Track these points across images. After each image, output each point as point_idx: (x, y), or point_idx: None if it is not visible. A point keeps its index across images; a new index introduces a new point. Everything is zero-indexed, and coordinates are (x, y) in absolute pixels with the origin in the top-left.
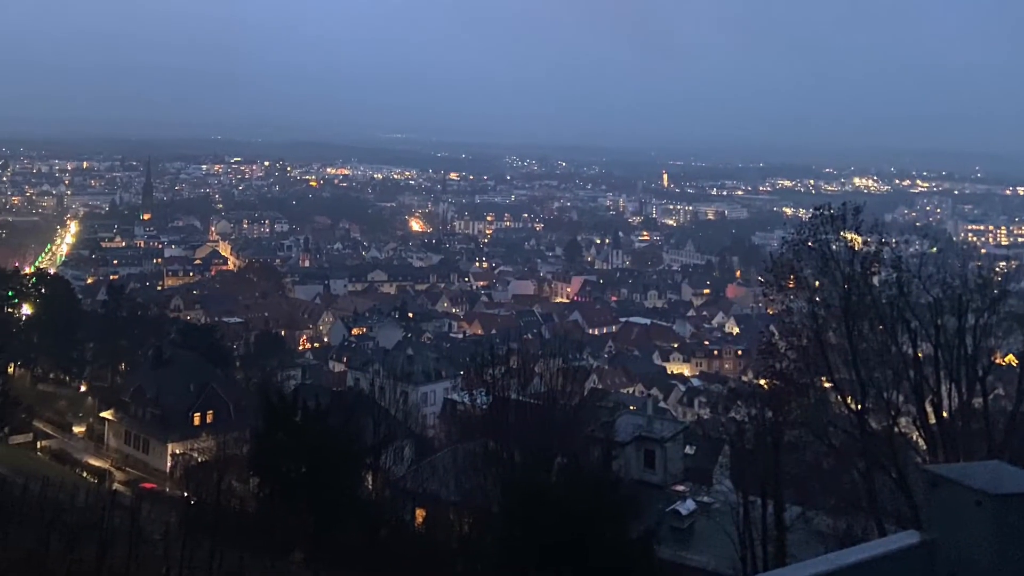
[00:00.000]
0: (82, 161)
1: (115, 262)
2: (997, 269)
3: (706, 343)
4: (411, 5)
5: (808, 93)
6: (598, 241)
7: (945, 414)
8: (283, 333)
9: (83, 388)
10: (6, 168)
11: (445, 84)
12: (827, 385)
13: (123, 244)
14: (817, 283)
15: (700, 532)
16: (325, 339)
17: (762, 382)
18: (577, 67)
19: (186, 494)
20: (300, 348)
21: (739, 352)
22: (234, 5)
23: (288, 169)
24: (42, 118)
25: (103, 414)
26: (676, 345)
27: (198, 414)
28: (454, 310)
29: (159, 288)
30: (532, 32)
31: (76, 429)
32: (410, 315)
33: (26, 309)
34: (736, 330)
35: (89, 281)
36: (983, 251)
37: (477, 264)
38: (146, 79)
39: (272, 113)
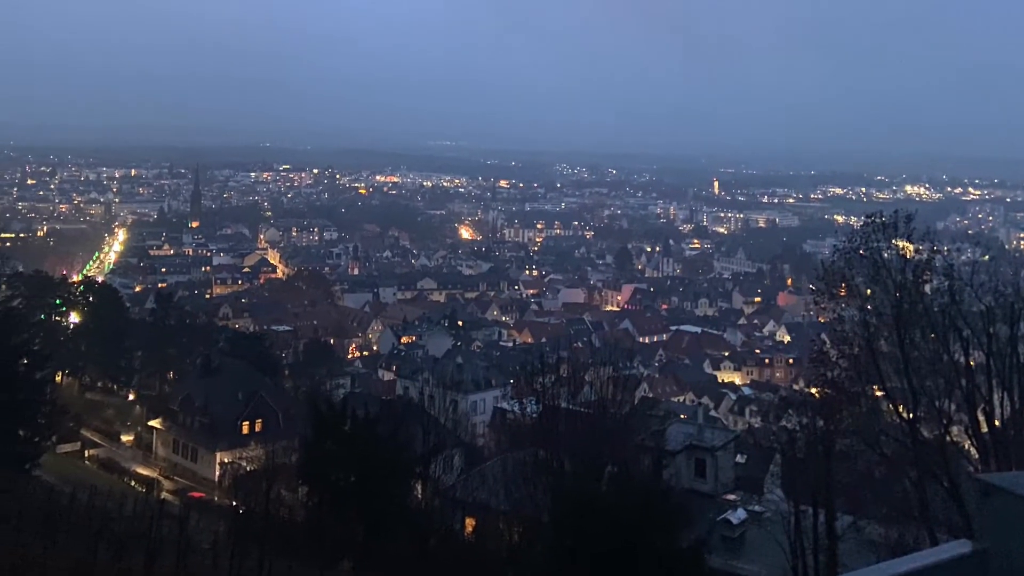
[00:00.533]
0: (130, 169)
1: (163, 270)
2: None
3: (757, 351)
4: (460, 13)
5: (860, 100)
6: (648, 249)
7: (997, 423)
8: (332, 341)
9: (131, 397)
10: (54, 176)
11: (495, 91)
12: (879, 394)
13: (171, 252)
14: (869, 291)
15: (751, 541)
16: (374, 347)
17: (813, 391)
18: (628, 74)
19: (235, 503)
20: (349, 357)
21: (790, 360)
22: (284, 13)
23: (337, 177)
24: (90, 125)
25: (151, 423)
26: (727, 353)
27: (247, 423)
28: (504, 318)
29: (208, 296)
30: (583, 39)
31: (124, 438)
32: (460, 323)
33: (74, 317)
34: (787, 338)
35: (137, 289)
36: None
37: (527, 272)
38: (195, 86)
39: (321, 121)
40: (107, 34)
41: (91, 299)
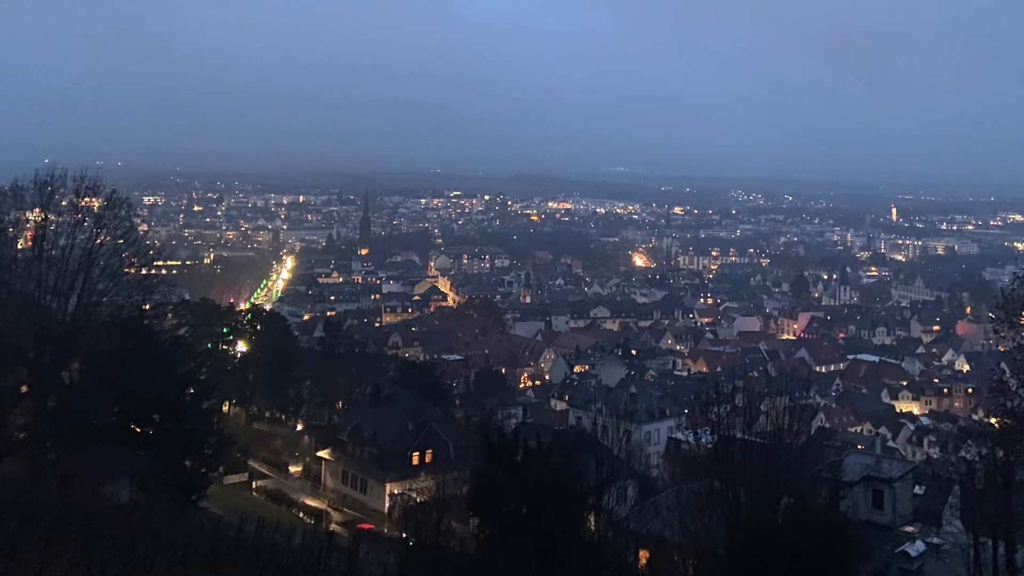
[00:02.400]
0: (298, 195)
1: (332, 298)
2: None
3: (936, 381)
4: (635, 38)
5: None
6: (825, 277)
7: None
8: (503, 371)
9: (299, 427)
10: (221, 202)
11: (669, 117)
12: None
13: (340, 280)
14: None
15: (930, 574)
16: (546, 377)
17: (993, 420)
18: (804, 100)
19: (404, 535)
20: (521, 386)
21: (969, 390)
22: (457, 38)
23: (509, 203)
24: (258, 151)
25: (320, 453)
26: (905, 383)
27: (417, 453)
28: (678, 347)
29: (377, 325)
30: (758, 65)
31: (292, 469)
32: (633, 352)
33: (241, 346)
34: (966, 367)
35: (306, 317)
36: None
37: (702, 300)
38: (365, 112)
39: (493, 147)
40: (275, 61)
41: (259, 327)
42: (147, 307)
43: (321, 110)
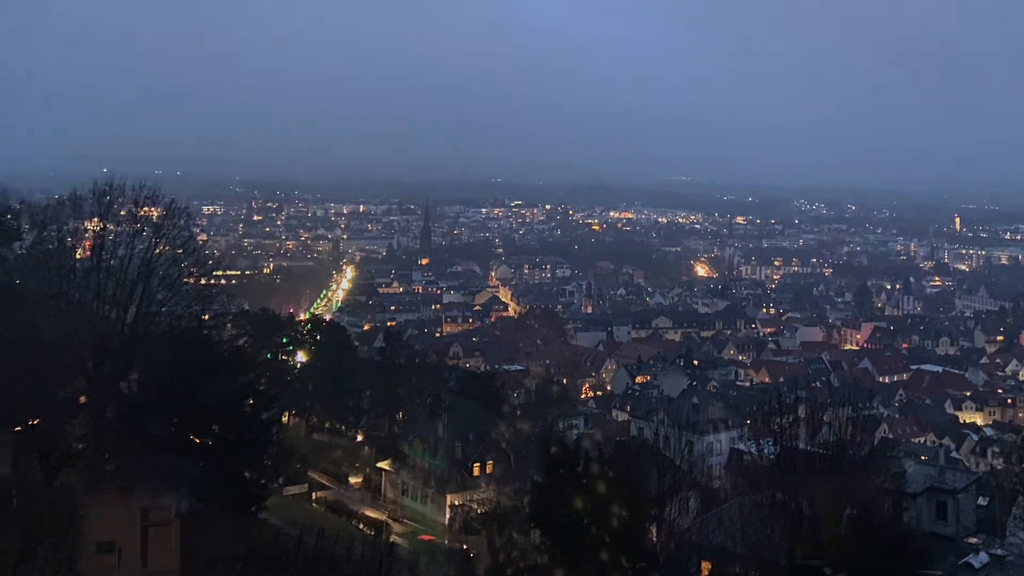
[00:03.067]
0: (358, 204)
1: (392, 308)
2: None
3: (1000, 391)
4: (695, 47)
5: None
6: (888, 287)
7: None
8: (565, 381)
9: (359, 438)
10: (281, 212)
11: (732, 126)
12: None
13: (400, 290)
14: None
15: None
16: (608, 387)
17: None
18: (867, 110)
19: (465, 546)
20: (582, 396)
21: None
22: (516, 46)
23: (570, 213)
24: (318, 160)
25: (380, 464)
26: (968, 393)
27: (477, 464)
28: (741, 357)
29: (437, 335)
30: (820, 74)
31: (352, 480)
32: (695, 362)
33: (301, 356)
34: None
35: (366, 328)
36: None
37: (764, 310)
38: (425, 120)
39: (554, 156)
40: (334, 68)
41: (318, 338)
42: (206, 317)
43: (380, 119)
